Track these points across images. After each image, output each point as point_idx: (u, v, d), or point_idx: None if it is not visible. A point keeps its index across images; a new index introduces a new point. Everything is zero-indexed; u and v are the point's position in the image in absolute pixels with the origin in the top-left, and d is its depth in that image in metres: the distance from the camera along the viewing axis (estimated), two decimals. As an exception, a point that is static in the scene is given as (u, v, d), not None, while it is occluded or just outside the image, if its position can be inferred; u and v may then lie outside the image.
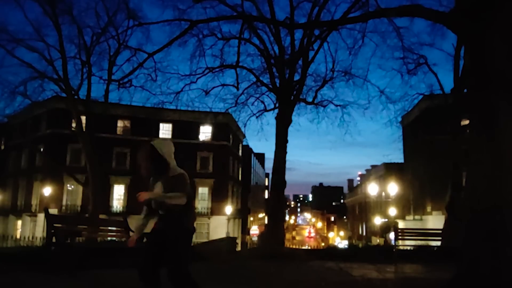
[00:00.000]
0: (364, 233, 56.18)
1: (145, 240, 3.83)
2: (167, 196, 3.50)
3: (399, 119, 21.46)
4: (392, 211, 32.82)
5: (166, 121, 37.37)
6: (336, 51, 32.52)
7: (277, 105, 18.61)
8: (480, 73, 5.19)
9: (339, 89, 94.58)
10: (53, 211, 27.56)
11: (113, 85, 19.23)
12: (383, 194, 35.69)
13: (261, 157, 72.52)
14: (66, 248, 6.46)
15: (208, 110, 25.39)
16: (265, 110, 19.90)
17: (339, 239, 78.61)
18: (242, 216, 49.96)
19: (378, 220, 41.14)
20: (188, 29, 13.30)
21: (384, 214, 38.54)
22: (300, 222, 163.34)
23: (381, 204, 42.10)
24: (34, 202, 36.19)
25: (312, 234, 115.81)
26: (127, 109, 34.54)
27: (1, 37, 19.39)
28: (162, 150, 3.58)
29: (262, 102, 19.87)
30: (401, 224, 33.83)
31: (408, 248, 10.21)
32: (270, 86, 18.44)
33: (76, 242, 7.22)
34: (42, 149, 35.54)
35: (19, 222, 37.36)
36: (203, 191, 39.89)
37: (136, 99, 68.60)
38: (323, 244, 73.04)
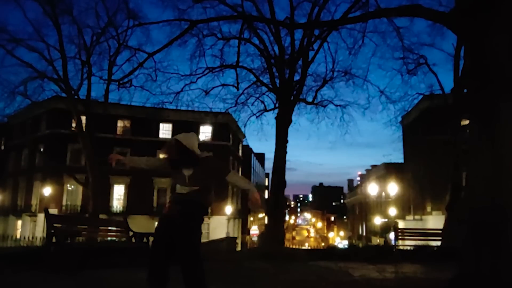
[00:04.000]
0: (364, 233, 56.17)
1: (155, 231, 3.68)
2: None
3: (399, 119, 21.49)
4: (392, 211, 32.83)
5: (166, 121, 37.34)
6: (336, 51, 32.51)
7: (277, 105, 18.63)
8: (480, 73, 5.19)
9: (339, 89, 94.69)
10: (53, 211, 27.56)
11: (113, 85, 19.29)
12: (383, 194, 35.68)
13: (261, 157, 72.49)
14: (66, 248, 6.45)
15: (208, 110, 25.38)
16: (265, 110, 19.95)
17: (339, 239, 78.60)
18: (242, 216, 49.94)
19: (378, 220, 41.14)
20: (188, 29, 13.31)
21: (384, 214, 38.55)
22: (300, 222, 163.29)
23: (381, 204, 42.10)
24: (34, 202, 36.18)
25: (312, 234, 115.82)
26: (127, 109, 34.53)
27: (1, 37, 19.46)
28: (189, 143, 3.64)
29: (262, 102, 19.93)
30: (401, 224, 33.81)
31: (408, 248, 10.21)
32: (270, 86, 18.46)
33: (76, 242, 7.21)
34: (42, 149, 35.55)
35: (19, 222, 37.34)
36: (203, 191, 39.81)
37: (136, 99, 68.59)
38: (323, 244, 73.07)
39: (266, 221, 35.43)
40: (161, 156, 3.81)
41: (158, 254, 3.50)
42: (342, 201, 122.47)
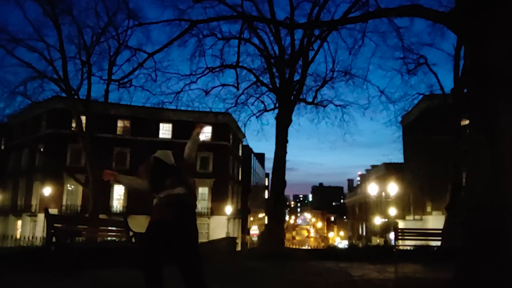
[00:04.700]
0: (364, 233, 56.17)
1: (146, 232, 3.64)
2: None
3: (399, 119, 21.49)
4: (392, 211, 32.81)
5: (166, 121, 37.34)
6: (336, 51, 32.43)
7: (277, 105, 18.62)
8: (480, 73, 5.19)
9: (339, 89, 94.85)
10: (53, 211, 27.54)
11: (113, 85, 19.25)
12: (383, 194, 35.68)
13: (261, 157, 72.46)
14: (66, 248, 6.46)
15: (208, 110, 25.41)
16: (265, 110, 19.94)
17: (339, 239, 78.60)
18: (242, 216, 49.94)
19: (378, 220, 41.13)
20: (188, 29, 13.32)
21: (384, 214, 38.52)
22: (300, 222, 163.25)
23: (381, 204, 42.08)
24: (34, 202, 36.18)
25: (312, 234, 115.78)
26: (127, 109, 34.51)
27: (1, 37, 19.41)
28: (167, 159, 3.73)
29: (262, 102, 19.92)
30: (401, 224, 33.84)
31: (408, 248, 10.21)
32: (270, 86, 18.45)
33: (76, 242, 7.21)
34: (42, 149, 35.53)
35: (19, 222, 37.35)
36: (203, 191, 39.87)
37: (136, 99, 68.69)
38: (323, 244, 72.98)
39: (266, 221, 35.43)
40: (143, 177, 3.82)
41: (154, 260, 3.47)
42: (342, 201, 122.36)
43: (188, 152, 3.85)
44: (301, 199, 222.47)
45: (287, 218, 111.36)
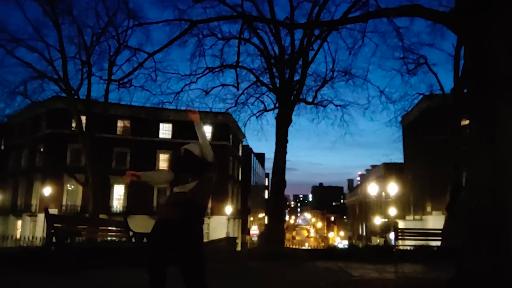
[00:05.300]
0: (364, 233, 56.19)
1: (153, 232, 3.59)
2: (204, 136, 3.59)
3: (399, 119, 21.50)
4: (392, 211, 32.81)
5: (166, 121, 37.34)
6: (336, 51, 32.59)
7: (277, 105, 18.63)
8: (480, 73, 5.19)
9: (339, 89, 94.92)
10: (53, 211, 27.58)
11: (113, 85, 19.27)
12: (383, 194, 35.67)
13: (261, 157, 72.45)
14: (66, 248, 6.45)
15: (208, 110, 25.43)
16: (265, 110, 19.96)
17: (339, 239, 78.61)
18: (242, 216, 49.94)
19: (378, 220, 41.14)
20: (188, 29, 13.34)
21: (384, 214, 38.54)
22: (300, 222, 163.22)
23: (381, 204, 42.09)
24: (34, 202, 36.19)
25: (312, 234, 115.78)
26: (127, 109, 34.50)
27: (1, 37, 19.42)
28: (197, 152, 3.67)
29: (262, 102, 19.94)
30: (401, 224, 33.81)
31: (408, 248, 10.20)
32: (270, 86, 18.46)
33: (76, 242, 7.20)
34: (42, 149, 35.55)
35: (19, 222, 37.35)
36: (203, 191, 39.79)
37: (136, 99, 68.65)
38: (323, 244, 73.00)
39: (266, 221, 35.43)
40: (168, 170, 3.79)
41: (158, 259, 3.45)
42: (342, 201, 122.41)
43: (203, 152, 3.71)
44: (301, 199, 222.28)
45: (287, 218, 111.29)
